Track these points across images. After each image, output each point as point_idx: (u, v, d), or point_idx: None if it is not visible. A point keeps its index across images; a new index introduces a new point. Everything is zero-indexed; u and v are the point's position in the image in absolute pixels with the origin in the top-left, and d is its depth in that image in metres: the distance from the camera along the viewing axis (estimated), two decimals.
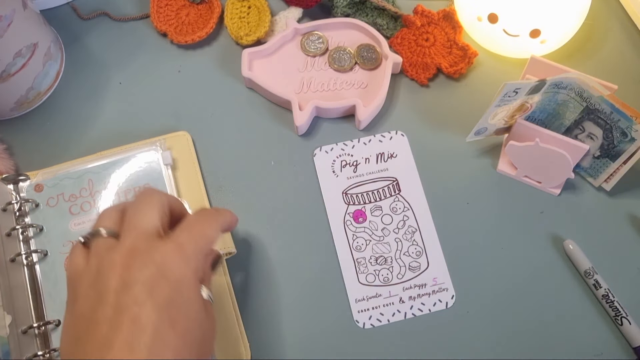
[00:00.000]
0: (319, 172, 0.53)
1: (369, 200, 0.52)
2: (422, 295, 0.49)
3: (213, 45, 0.59)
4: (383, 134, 0.54)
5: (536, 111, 0.51)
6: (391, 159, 0.53)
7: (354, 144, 0.54)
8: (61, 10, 0.60)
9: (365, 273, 0.50)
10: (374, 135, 0.54)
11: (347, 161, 0.53)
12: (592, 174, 0.52)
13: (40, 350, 0.46)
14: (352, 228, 0.51)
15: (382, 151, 0.53)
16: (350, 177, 0.53)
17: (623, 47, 0.58)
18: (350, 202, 0.52)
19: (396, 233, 0.51)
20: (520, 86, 0.45)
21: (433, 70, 0.56)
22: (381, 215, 0.51)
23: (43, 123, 0.55)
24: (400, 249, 0.50)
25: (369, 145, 0.54)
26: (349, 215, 0.51)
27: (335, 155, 0.53)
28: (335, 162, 0.53)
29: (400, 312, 0.49)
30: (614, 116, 0.47)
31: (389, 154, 0.53)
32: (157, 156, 0.52)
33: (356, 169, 0.52)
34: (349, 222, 0.51)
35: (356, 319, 0.48)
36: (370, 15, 0.58)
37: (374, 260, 0.50)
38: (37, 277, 0.48)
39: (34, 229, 0.49)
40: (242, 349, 0.47)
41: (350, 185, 0.52)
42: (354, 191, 0.52)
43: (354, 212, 0.51)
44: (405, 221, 0.51)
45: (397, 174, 0.53)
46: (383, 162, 0.53)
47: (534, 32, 0.52)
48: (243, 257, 0.50)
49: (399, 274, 0.50)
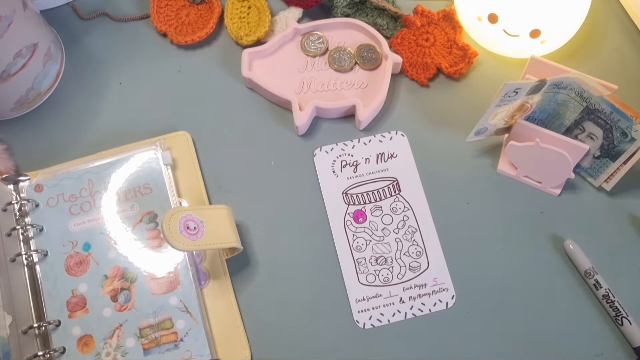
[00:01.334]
0: (319, 172, 0.53)
1: (369, 200, 0.52)
2: (422, 296, 0.49)
3: (213, 45, 0.59)
4: (383, 134, 0.54)
5: (536, 111, 0.51)
6: (391, 159, 0.53)
7: (354, 144, 0.54)
8: (61, 10, 0.60)
9: (366, 273, 0.50)
10: (374, 136, 0.54)
11: (347, 161, 0.53)
12: (592, 174, 0.52)
13: (40, 351, 0.46)
14: (352, 228, 0.51)
15: (382, 151, 0.53)
16: (351, 177, 0.52)
17: (623, 47, 0.58)
18: (350, 202, 0.52)
19: (396, 233, 0.51)
20: (520, 86, 0.45)
21: (433, 70, 0.56)
22: (381, 215, 0.51)
23: (43, 123, 0.55)
24: (401, 249, 0.50)
25: (369, 146, 0.54)
26: (349, 215, 0.51)
27: (336, 155, 0.53)
28: (335, 162, 0.53)
29: (400, 312, 0.49)
30: (614, 116, 0.47)
31: (389, 154, 0.53)
32: (157, 156, 0.52)
33: (356, 169, 0.52)
34: (349, 222, 0.51)
35: (356, 319, 0.48)
36: (370, 16, 0.58)
37: (374, 260, 0.50)
38: (37, 277, 0.48)
39: (34, 229, 0.49)
40: (242, 349, 0.47)
41: (350, 185, 0.52)
42: (354, 191, 0.52)
43: (354, 212, 0.51)
44: (405, 221, 0.51)
45: (397, 174, 0.53)
46: (383, 162, 0.53)
47: (534, 32, 0.52)
48: (243, 257, 0.50)
49: (399, 274, 0.50)
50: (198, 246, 0.45)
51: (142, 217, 0.50)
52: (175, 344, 0.47)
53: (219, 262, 0.50)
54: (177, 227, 0.45)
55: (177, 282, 0.48)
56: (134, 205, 0.51)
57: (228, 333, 0.48)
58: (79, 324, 0.47)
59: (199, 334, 0.47)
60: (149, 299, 0.48)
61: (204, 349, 0.47)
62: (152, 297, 0.48)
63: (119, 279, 0.48)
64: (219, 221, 0.48)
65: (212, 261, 0.50)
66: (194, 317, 0.47)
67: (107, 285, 0.48)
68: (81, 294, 0.48)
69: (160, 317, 0.47)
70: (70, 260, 0.49)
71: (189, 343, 0.47)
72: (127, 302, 0.48)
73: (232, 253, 0.49)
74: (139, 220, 0.50)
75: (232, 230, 0.48)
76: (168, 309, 0.47)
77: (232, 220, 0.49)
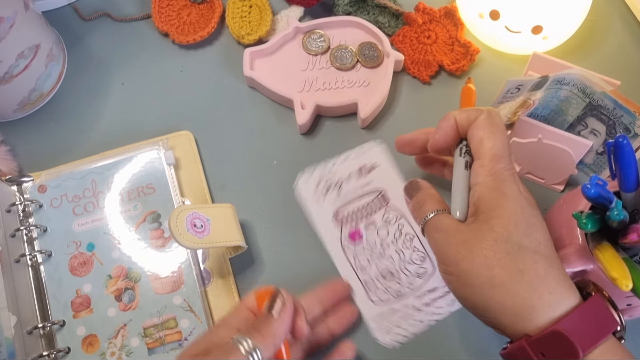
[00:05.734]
0: (305, 204, 0.51)
1: (360, 217, 0.50)
2: (436, 299, 0.48)
3: (215, 44, 0.59)
4: (361, 146, 0.52)
5: (539, 107, 0.51)
6: (373, 170, 0.52)
7: (334, 163, 0.52)
8: (63, 11, 0.60)
9: (376, 292, 0.48)
10: (351, 151, 0.52)
11: (330, 183, 0.51)
12: (596, 170, 0.52)
13: (45, 351, 0.46)
14: (351, 249, 0.50)
15: (363, 164, 0.52)
16: (337, 199, 0.51)
17: (625, 42, 0.58)
18: (343, 225, 0.50)
19: (395, 244, 0.50)
20: (522, 83, 0.45)
21: (435, 68, 0.56)
22: (376, 229, 0.50)
23: (46, 124, 0.55)
24: (404, 259, 0.49)
25: (348, 162, 0.52)
26: (344, 237, 0.50)
27: (317, 181, 0.51)
28: (318, 187, 0.51)
29: (422, 322, 0.47)
30: (617, 112, 0.47)
31: (370, 166, 0.52)
32: (160, 156, 0.52)
33: (340, 189, 0.51)
34: (347, 244, 0.50)
35: (379, 340, 0.47)
36: (372, 13, 0.58)
37: (380, 277, 0.49)
38: (41, 278, 0.48)
39: (38, 230, 0.50)
40: None
41: (338, 207, 0.51)
42: (343, 213, 0.51)
43: (350, 234, 0.50)
44: (401, 230, 0.50)
45: (382, 185, 0.51)
46: (365, 175, 0.51)
47: (536, 28, 0.51)
48: (247, 256, 0.50)
49: (409, 285, 0.48)
50: (205, 244, 0.45)
51: (146, 217, 0.50)
52: (179, 343, 0.47)
53: (223, 262, 0.50)
54: (185, 225, 0.45)
55: (180, 281, 0.48)
56: (137, 205, 0.51)
57: None
58: (83, 324, 0.47)
59: None
60: (152, 298, 0.48)
61: None
62: (156, 296, 0.48)
63: (122, 279, 0.48)
64: (224, 219, 0.48)
65: (216, 260, 0.50)
66: (197, 317, 0.47)
67: (111, 285, 0.48)
68: (85, 294, 0.48)
69: (164, 317, 0.47)
70: (74, 261, 0.49)
71: None
72: (131, 302, 0.48)
73: (235, 252, 0.49)
74: (142, 220, 0.50)
75: (237, 228, 0.48)
76: (172, 309, 0.48)
77: (236, 219, 0.49)
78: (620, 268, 0.37)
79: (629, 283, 0.36)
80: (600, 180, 0.37)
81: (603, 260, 0.38)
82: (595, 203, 0.38)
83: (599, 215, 0.39)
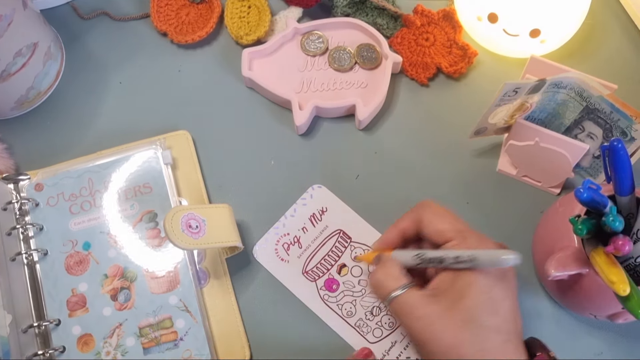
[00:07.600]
0: (269, 269, 0.50)
1: (330, 264, 0.50)
2: None
3: (213, 44, 0.59)
4: (302, 197, 0.52)
5: (536, 111, 0.51)
6: (324, 214, 0.51)
7: (283, 221, 0.51)
8: (61, 9, 0.60)
9: (370, 331, 0.48)
10: (294, 205, 0.52)
11: (288, 240, 0.51)
12: (592, 173, 0.52)
13: (40, 350, 0.46)
14: (332, 299, 0.49)
15: (312, 212, 0.51)
16: (300, 255, 0.50)
17: (623, 46, 0.58)
18: (315, 277, 0.49)
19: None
20: (520, 86, 0.45)
21: (433, 70, 0.56)
22: (349, 270, 0.50)
23: (43, 122, 0.55)
24: None
25: (297, 216, 0.51)
26: (321, 289, 0.49)
27: (274, 242, 0.51)
28: (277, 249, 0.50)
29: None
30: (614, 115, 0.47)
31: (320, 211, 0.51)
32: (157, 155, 0.52)
33: (300, 243, 0.50)
34: (326, 295, 0.49)
35: None
36: (370, 15, 0.58)
37: (370, 315, 0.48)
38: (37, 276, 0.48)
39: (34, 228, 0.49)
40: (242, 348, 0.47)
41: (304, 261, 0.50)
42: (311, 265, 0.50)
43: (324, 283, 0.49)
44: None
45: (339, 225, 0.51)
46: (319, 221, 0.51)
47: (534, 31, 0.52)
48: (243, 256, 0.50)
49: None
50: (200, 245, 0.45)
51: (142, 216, 0.50)
52: (175, 343, 0.47)
53: (219, 262, 0.50)
54: (180, 226, 0.45)
55: (177, 281, 0.48)
56: (134, 204, 0.51)
57: (228, 332, 0.48)
58: (78, 323, 0.47)
59: (198, 333, 0.47)
60: (148, 298, 0.48)
61: (204, 348, 0.47)
62: (152, 296, 0.48)
63: (118, 278, 0.48)
64: (221, 220, 0.48)
65: (212, 260, 0.50)
66: (193, 317, 0.47)
67: (107, 285, 0.48)
68: (81, 293, 0.48)
69: (160, 317, 0.47)
70: (70, 260, 0.49)
71: (188, 342, 0.47)
72: (127, 302, 0.48)
73: (232, 252, 0.49)
74: (139, 220, 0.50)
75: (233, 229, 0.48)
76: (168, 308, 0.47)
77: (233, 219, 0.49)
78: (618, 272, 0.37)
79: (626, 287, 0.36)
80: (593, 184, 0.37)
81: (600, 264, 0.38)
82: (589, 207, 0.38)
83: (594, 220, 0.39)
